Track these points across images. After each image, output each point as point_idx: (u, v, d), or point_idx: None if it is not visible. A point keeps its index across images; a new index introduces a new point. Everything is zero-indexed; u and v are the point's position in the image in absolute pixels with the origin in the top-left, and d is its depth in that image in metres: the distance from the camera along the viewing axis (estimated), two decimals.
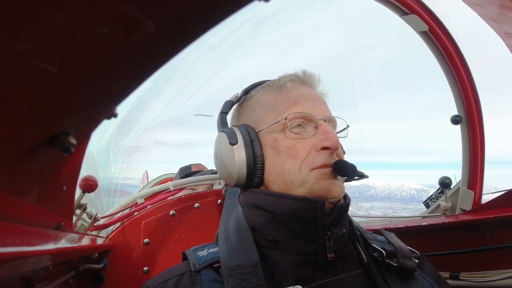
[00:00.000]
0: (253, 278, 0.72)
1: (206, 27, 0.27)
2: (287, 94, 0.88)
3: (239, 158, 0.83)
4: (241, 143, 0.84)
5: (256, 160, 0.83)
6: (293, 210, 0.78)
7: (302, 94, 0.88)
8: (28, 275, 0.58)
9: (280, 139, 0.83)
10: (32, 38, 0.24)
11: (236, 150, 0.84)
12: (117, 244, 1.21)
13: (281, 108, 0.86)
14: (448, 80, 1.49)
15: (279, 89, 0.89)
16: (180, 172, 2.11)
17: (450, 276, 1.35)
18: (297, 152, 0.81)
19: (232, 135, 0.85)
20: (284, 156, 0.82)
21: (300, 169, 0.80)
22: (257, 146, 0.84)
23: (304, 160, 0.80)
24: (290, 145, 0.82)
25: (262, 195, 0.83)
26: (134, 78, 0.33)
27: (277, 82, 0.92)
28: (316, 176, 0.79)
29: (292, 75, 0.93)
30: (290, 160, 0.81)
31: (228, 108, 0.98)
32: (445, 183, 1.52)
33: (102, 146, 3.55)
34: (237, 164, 0.84)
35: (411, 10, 1.36)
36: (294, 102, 0.86)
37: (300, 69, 0.94)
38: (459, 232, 1.37)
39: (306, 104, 0.85)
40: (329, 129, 0.83)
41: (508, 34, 1.18)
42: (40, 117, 0.35)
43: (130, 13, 0.24)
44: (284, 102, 0.87)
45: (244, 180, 0.85)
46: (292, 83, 0.90)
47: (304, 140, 0.82)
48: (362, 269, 0.82)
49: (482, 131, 1.48)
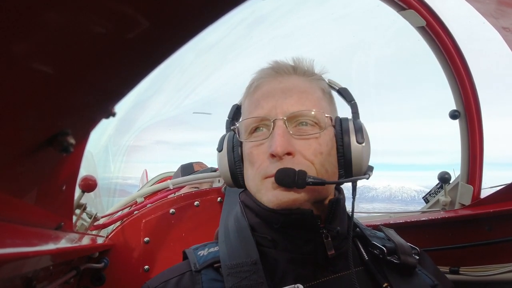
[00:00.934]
0: (253, 276, 0.72)
1: (202, 25, 0.27)
2: (252, 96, 0.85)
3: (222, 163, 0.87)
4: (224, 150, 0.87)
5: (236, 165, 0.85)
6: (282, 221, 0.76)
7: (265, 92, 0.82)
8: (29, 275, 0.58)
9: (244, 145, 0.84)
10: (29, 39, 0.24)
11: (220, 156, 0.87)
12: (117, 243, 1.21)
13: (245, 114, 0.86)
14: (446, 75, 1.50)
15: (248, 91, 0.88)
16: (181, 169, 2.11)
17: (450, 270, 1.35)
18: (253, 159, 0.79)
19: (220, 141, 0.89)
20: (247, 163, 0.83)
21: (254, 177, 0.79)
22: (237, 151, 0.85)
23: (258, 168, 0.78)
24: (248, 152, 0.81)
25: (250, 200, 0.83)
26: (132, 76, 0.33)
27: (249, 83, 0.89)
28: (265, 186, 0.77)
29: (263, 70, 0.89)
30: (250, 167, 0.81)
31: (232, 114, 0.94)
32: (444, 178, 1.53)
33: (101, 146, 3.55)
34: (222, 168, 0.87)
35: (409, 5, 1.36)
36: (255, 105, 0.82)
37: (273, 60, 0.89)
38: (458, 226, 1.38)
39: (266, 105, 0.80)
40: (277, 132, 0.75)
41: (506, 28, 1.18)
42: (39, 117, 0.34)
43: (126, 11, 0.24)
44: (248, 106, 0.86)
45: (231, 183, 0.87)
46: (260, 81, 0.85)
47: (262, 146, 0.79)
48: (363, 266, 0.82)
49: (481, 126, 1.49)
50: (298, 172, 0.72)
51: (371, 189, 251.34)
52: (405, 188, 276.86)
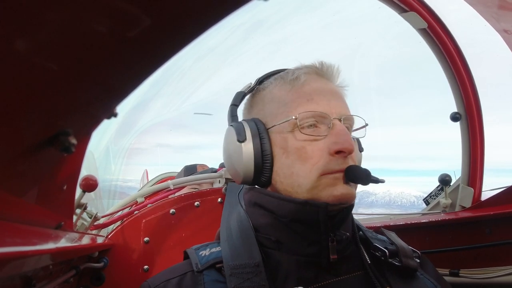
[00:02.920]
0: (255, 278, 0.71)
1: (205, 26, 0.27)
2: (300, 89, 0.81)
3: (246, 155, 0.79)
4: (250, 140, 0.80)
5: (265, 159, 0.79)
6: (295, 213, 0.76)
7: (317, 89, 0.81)
8: (29, 274, 0.58)
9: (289, 139, 0.78)
10: (31, 36, 0.24)
11: (244, 146, 0.80)
12: (117, 243, 1.21)
13: (292, 105, 0.80)
14: (447, 77, 1.49)
15: (292, 83, 0.82)
16: (185, 170, 2.13)
17: (450, 273, 1.35)
18: (307, 155, 0.76)
19: (240, 131, 0.81)
20: (293, 157, 0.77)
21: (309, 173, 0.75)
22: (266, 143, 0.80)
23: (315, 164, 0.75)
24: (300, 147, 0.77)
25: (264, 196, 0.82)
26: (134, 76, 0.33)
27: (290, 74, 0.84)
28: (326, 182, 0.75)
29: (308, 67, 0.86)
30: (299, 163, 0.76)
31: (239, 100, 0.91)
32: (445, 180, 1.52)
33: (102, 148, 3.55)
34: (244, 161, 0.80)
35: (410, 8, 1.36)
36: (307, 98, 0.79)
37: (317, 60, 0.87)
38: (458, 229, 1.38)
39: (320, 101, 0.79)
40: (343, 131, 0.77)
41: (507, 31, 1.18)
42: (40, 117, 0.35)
43: (129, 10, 0.24)
44: (296, 98, 0.80)
45: (252, 178, 0.81)
46: (307, 76, 0.83)
47: (316, 142, 0.77)
48: (365, 270, 0.81)
49: (482, 128, 1.49)
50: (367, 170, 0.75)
51: (370, 194, 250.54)
52: (405, 194, 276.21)
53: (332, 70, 0.86)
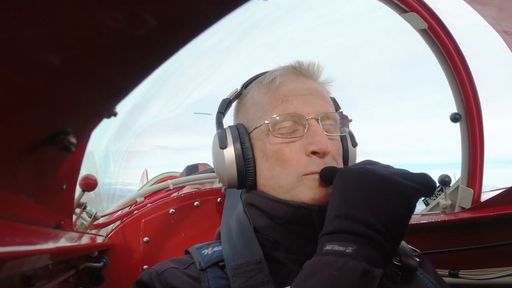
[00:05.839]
0: (258, 275, 0.71)
1: (206, 24, 0.27)
2: (276, 91, 0.82)
3: (228, 160, 0.81)
4: (231, 146, 0.82)
5: (247, 163, 0.81)
6: (289, 214, 0.76)
7: (293, 89, 0.82)
8: (28, 274, 0.58)
9: (267, 142, 0.80)
10: (31, 34, 0.24)
11: (226, 152, 0.82)
12: (117, 242, 1.21)
13: (268, 108, 0.81)
14: (447, 78, 1.49)
15: (268, 86, 0.84)
16: (186, 170, 2.13)
17: (449, 273, 1.35)
18: (285, 157, 0.77)
19: (223, 137, 0.83)
20: (272, 160, 0.79)
21: (289, 174, 0.77)
22: (247, 148, 0.81)
23: (294, 166, 0.76)
24: (277, 150, 0.78)
25: (260, 197, 0.82)
26: (134, 75, 0.33)
27: (267, 77, 0.85)
28: (305, 183, 0.76)
29: (285, 68, 0.87)
30: (279, 165, 0.78)
31: (224, 108, 0.92)
32: (444, 181, 1.52)
33: (101, 150, 3.54)
34: (226, 166, 0.82)
35: (410, 8, 1.36)
36: (282, 100, 0.80)
37: (295, 59, 0.88)
38: (458, 230, 1.38)
39: (296, 101, 0.79)
40: (318, 130, 0.77)
41: (508, 32, 1.18)
42: (40, 116, 0.34)
43: (131, 8, 0.24)
44: (272, 100, 0.81)
45: (236, 182, 0.83)
46: (283, 78, 0.84)
47: (293, 143, 0.78)
48: None
49: (482, 129, 1.48)
50: None
51: None
52: None
53: (312, 68, 0.87)
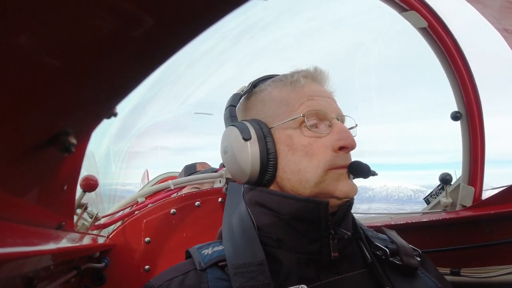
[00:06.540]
0: (259, 276, 0.72)
1: (204, 25, 0.27)
2: (301, 90, 0.85)
3: (253, 154, 0.81)
4: (255, 139, 0.81)
5: (270, 157, 0.81)
6: (296, 210, 0.77)
7: (315, 91, 0.86)
8: (30, 275, 0.58)
9: (295, 136, 0.81)
10: (31, 34, 0.24)
11: (250, 145, 0.81)
12: (118, 243, 1.21)
13: (295, 105, 0.83)
14: (448, 76, 1.49)
15: (293, 85, 0.87)
16: (185, 170, 2.12)
17: (450, 272, 1.35)
18: (314, 151, 0.79)
19: (245, 130, 0.82)
20: (299, 154, 0.80)
21: (317, 168, 0.78)
22: (270, 142, 0.82)
23: (322, 160, 0.78)
24: (306, 144, 0.80)
25: (266, 194, 0.82)
26: (135, 75, 0.33)
27: (290, 77, 0.89)
28: (332, 177, 0.78)
29: (305, 71, 0.91)
30: (306, 159, 0.79)
31: (237, 101, 0.94)
32: (445, 179, 1.52)
33: (102, 151, 3.54)
34: (250, 160, 0.81)
35: (410, 7, 1.36)
36: (308, 98, 0.83)
37: (312, 65, 0.92)
38: (459, 228, 1.37)
39: (320, 101, 0.83)
40: (344, 128, 0.82)
41: (508, 30, 1.18)
42: (40, 117, 0.35)
43: (129, 8, 0.24)
44: (298, 98, 0.84)
45: (257, 176, 0.82)
46: (305, 79, 0.88)
47: (320, 139, 0.80)
48: (366, 268, 0.82)
49: (482, 127, 1.48)
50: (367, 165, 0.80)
51: (368, 190, 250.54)
52: (402, 188, 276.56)
53: (324, 75, 0.92)
